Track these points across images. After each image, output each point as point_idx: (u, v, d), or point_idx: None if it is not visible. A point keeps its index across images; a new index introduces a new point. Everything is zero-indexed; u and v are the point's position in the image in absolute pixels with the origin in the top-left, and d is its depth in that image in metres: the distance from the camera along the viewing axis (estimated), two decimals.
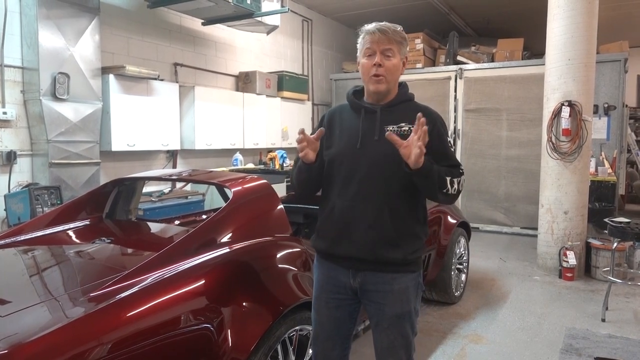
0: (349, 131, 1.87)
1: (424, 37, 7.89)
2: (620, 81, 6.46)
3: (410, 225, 1.84)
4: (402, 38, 1.83)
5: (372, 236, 1.80)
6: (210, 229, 2.32)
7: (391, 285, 1.82)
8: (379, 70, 1.78)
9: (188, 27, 6.25)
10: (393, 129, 1.77)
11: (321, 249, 1.94)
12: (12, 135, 4.43)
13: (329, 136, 1.91)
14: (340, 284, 1.89)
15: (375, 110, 1.85)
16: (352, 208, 1.81)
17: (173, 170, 5.68)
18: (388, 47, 1.79)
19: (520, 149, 7.01)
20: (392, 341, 1.83)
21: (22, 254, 2.47)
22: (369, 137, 1.83)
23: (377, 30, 1.78)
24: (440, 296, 4.00)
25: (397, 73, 1.84)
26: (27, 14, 4.37)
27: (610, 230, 3.95)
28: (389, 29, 1.79)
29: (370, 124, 1.84)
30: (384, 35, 1.78)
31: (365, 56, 1.82)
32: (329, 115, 1.99)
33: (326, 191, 1.92)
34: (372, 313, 1.88)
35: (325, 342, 1.94)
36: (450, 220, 4.01)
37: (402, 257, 1.81)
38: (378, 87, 1.81)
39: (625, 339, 3.43)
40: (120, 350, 1.60)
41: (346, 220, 1.82)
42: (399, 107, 1.86)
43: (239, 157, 6.47)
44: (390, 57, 1.79)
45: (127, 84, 5.07)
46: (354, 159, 1.82)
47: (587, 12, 4.76)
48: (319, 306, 1.96)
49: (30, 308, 1.75)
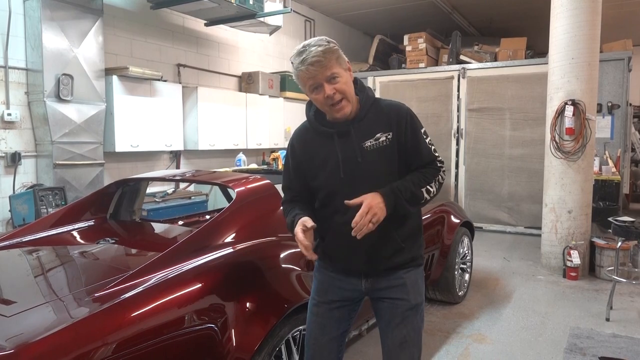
0: (329, 159, 1.78)
1: (426, 36, 7.89)
2: (624, 80, 6.43)
3: (411, 225, 1.86)
4: (334, 52, 1.68)
5: (381, 250, 1.80)
6: (213, 230, 2.33)
7: (404, 279, 1.84)
8: (335, 97, 1.67)
9: (191, 28, 6.26)
10: (371, 144, 1.74)
11: (329, 266, 1.92)
12: (16, 137, 4.45)
13: (310, 165, 1.84)
14: (350, 288, 1.88)
15: (347, 131, 1.75)
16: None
17: (176, 170, 5.70)
18: (329, 73, 1.65)
19: (523, 148, 6.99)
20: (404, 336, 1.82)
21: (27, 254, 2.48)
22: (352, 161, 1.76)
23: (310, 65, 1.63)
24: (444, 296, 3.99)
25: (351, 86, 1.73)
26: (31, 16, 4.39)
27: (615, 229, 3.93)
28: (320, 57, 1.63)
29: (348, 147, 1.76)
30: (319, 66, 1.63)
31: (313, 91, 1.69)
32: (299, 143, 1.88)
33: (323, 214, 1.85)
34: (384, 311, 1.86)
35: (324, 345, 1.91)
36: (454, 220, 4.00)
37: (410, 256, 1.85)
38: (343, 113, 1.71)
39: (629, 338, 3.42)
40: (125, 350, 1.61)
41: (354, 243, 1.72)
42: (369, 117, 1.77)
43: (242, 157, 6.48)
44: (337, 79, 1.67)
45: (130, 85, 5.09)
46: (344, 187, 1.76)
47: (591, 10, 4.74)
48: (320, 307, 1.92)
49: (35, 308, 1.76)
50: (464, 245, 4.20)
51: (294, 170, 1.90)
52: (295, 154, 1.89)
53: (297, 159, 1.88)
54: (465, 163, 7.45)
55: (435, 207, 3.95)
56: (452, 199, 7.44)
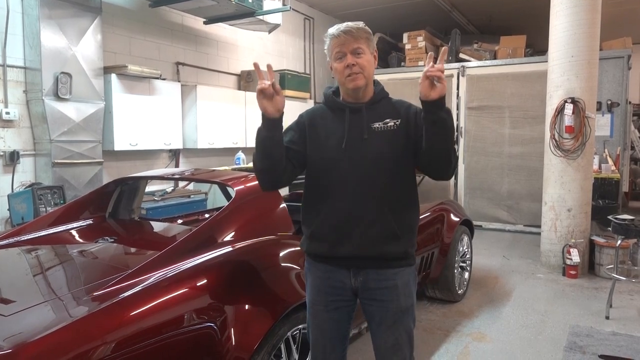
0: (335, 133, 1.84)
1: (425, 34, 7.87)
2: (624, 78, 6.43)
3: (409, 217, 1.87)
4: (367, 34, 1.82)
5: (374, 233, 1.79)
6: (212, 228, 2.33)
7: (394, 281, 1.82)
8: (354, 68, 1.78)
9: (190, 26, 6.25)
10: (379, 126, 1.81)
11: (319, 252, 1.89)
12: (15, 135, 4.43)
13: (314, 136, 1.88)
14: (340, 285, 1.87)
15: (360, 109, 1.84)
16: (352, 208, 1.78)
17: (175, 169, 5.69)
18: (356, 46, 1.78)
19: (523, 146, 6.99)
20: (397, 338, 1.83)
21: (25, 253, 2.48)
22: (357, 137, 1.81)
23: (343, 33, 1.78)
24: (444, 294, 3.99)
25: (371, 68, 1.83)
26: (29, 14, 4.37)
27: (614, 227, 3.93)
28: (352, 28, 1.79)
29: (356, 123, 1.83)
30: (350, 35, 1.77)
31: (337, 60, 1.82)
32: (309, 116, 1.95)
33: (316, 195, 1.87)
34: (374, 312, 1.86)
35: (326, 346, 1.92)
36: (453, 218, 4.00)
37: (404, 249, 1.84)
38: (357, 83, 1.79)
39: (629, 337, 3.42)
40: (124, 349, 1.61)
41: (346, 220, 1.80)
42: (381, 104, 1.87)
43: (241, 155, 6.46)
44: (361, 55, 1.79)
45: (129, 84, 5.08)
46: (345, 160, 1.80)
47: (590, 8, 4.73)
48: (317, 310, 1.91)
49: (33, 307, 1.76)
50: (464, 244, 4.20)
51: (292, 130, 1.93)
52: (300, 123, 1.94)
53: (302, 125, 1.92)
54: (464, 161, 7.45)
55: (434, 205, 3.95)
56: (452, 197, 7.44)
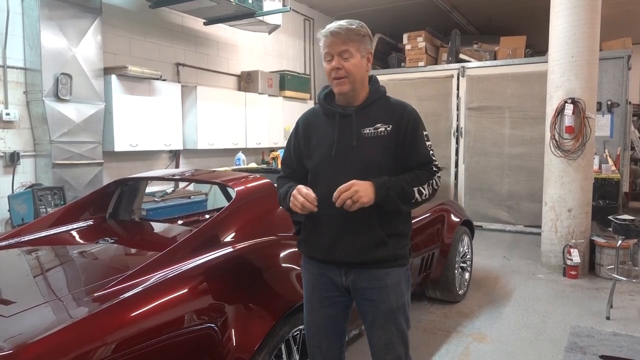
0: (326, 140, 1.84)
1: (426, 35, 7.87)
2: (624, 78, 6.42)
3: (397, 224, 1.85)
4: (359, 35, 1.77)
5: (363, 241, 1.80)
6: (213, 229, 2.32)
7: (384, 281, 1.83)
8: (339, 72, 1.75)
9: (190, 27, 6.25)
10: (369, 131, 1.79)
11: (311, 256, 1.94)
12: (15, 136, 4.43)
13: (306, 145, 1.90)
14: (332, 282, 1.89)
15: (349, 114, 1.81)
16: (340, 216, 1.77)
17: (176, 170, 5.69)
18: (344, 48, 1.74)
19: (523, 146, 6.99)
20: (389, 337, 1.84)
21: (25, 254, 2.47)
22: (347, 143, 1.80)
23: (330, 34, 1.75)
24: (444, 295, 3.99)
25: (360, 72, 1.78)
26: (29, 15, 4.38)
27: (615, 227, 3.93)
28: (342, 29, 1.74)
29: (346, 130, 1.81)
30: (337, 37, 1.74)
31: (326, 61, 1.79)
32: (303, 123, 1.95)
33: None
34: (367, 312, 1.87)
35: (322, 342, 1.93)
36: (454, 219, 4.00)
37: (393, 252, 1.83)
38: (341, 88, 1.78)
39: (630, 337, 3.42)
40: (125, 350, 1.60)
41: (336, 228, 1.81)
42: (373, 107, 1.83)
43: (241, 156, 6.47)
44: (348, 58, 1.75)
45: (129, 84, 5.08)
46: (334, 167, 1.80)
47: (590, 8, 4.73)
48: (313, 307, 1.95)
49: (34, 308, 1.76)
50: (464, 244, 4.20)
51: (293, 148, 1.97)
52: (297, 133, 1.95)
53: (298, 137, 1.94)
54: (464, 162, 7.45)
55: (435, 206, 3.95)
56: (452, 197, 7.44)
